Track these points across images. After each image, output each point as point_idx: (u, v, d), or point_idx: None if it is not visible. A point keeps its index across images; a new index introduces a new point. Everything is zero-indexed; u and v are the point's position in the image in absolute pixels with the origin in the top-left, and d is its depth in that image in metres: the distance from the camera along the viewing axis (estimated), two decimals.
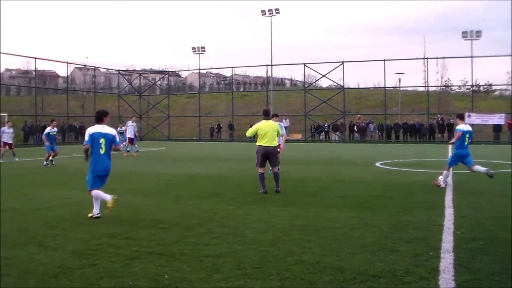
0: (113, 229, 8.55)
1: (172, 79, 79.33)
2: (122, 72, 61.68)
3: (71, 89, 59.88)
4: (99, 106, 54.96)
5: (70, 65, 54.82)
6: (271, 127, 13.03)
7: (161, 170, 19.56)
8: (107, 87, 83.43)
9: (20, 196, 12.57)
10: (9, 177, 17.42)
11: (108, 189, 13.05)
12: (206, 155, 29.60)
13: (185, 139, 54.65)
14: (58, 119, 49.26)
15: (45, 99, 56.49)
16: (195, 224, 8.95)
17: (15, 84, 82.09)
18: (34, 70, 52.71)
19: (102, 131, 9.99)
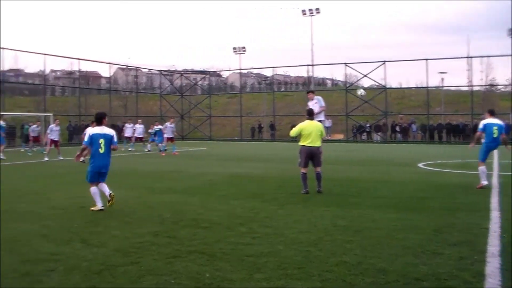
0: (155, 228, 8.68)
1: (214, 79, 79.74)
2: (164, 72, 62.34)
3: (113, 89, 60.80)
4: (141, 106, 55.85)
5: (112, 66, 55.70)
6: (315, 127, 13.02)
7: (204, 170, 19.69)
8: (149, 87, 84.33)
9: (65, 194, 12.85)
10: (54, 175, 17.83)
11: (152, 188, 13.25)
12: (248, 155, 29.68)
13: (227, 139, 54.93)
14: None
15: (88, 99, 57.37)
16: (237, 224, 9.01)
17: (59, 85, 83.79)
18: (78, 71, 53.74)
19: (102, 132, 10.83)
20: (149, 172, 19.14)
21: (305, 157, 13.00)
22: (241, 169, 19.79)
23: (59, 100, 65.93)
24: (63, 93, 76.56)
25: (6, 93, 57.26)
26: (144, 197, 12.53)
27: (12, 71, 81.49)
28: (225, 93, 75.22)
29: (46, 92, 52.60)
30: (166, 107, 57.97)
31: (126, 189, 13.92)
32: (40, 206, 11.15)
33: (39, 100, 52.03)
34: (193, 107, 60.22)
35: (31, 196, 12.82)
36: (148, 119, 47.78)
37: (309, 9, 58.87)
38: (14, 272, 6.20)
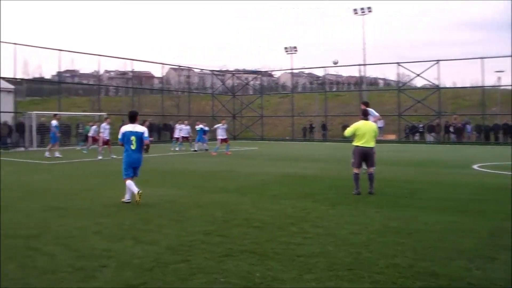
0: (207, 227, 8.77)
1: (265, 79, 79.88)
2: (215, 72, 62.84)
3: (166, 89, 61.58)
4: (193, 106, 56.41)
5: (165, 66, 56.42)
6: (370, 127, 12.98)
7: (256, 170, 19.74)
8: (201, 87, 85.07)
9: (117, 192, 13.08)
10: (107, 174, 18.20)
11: (204, 188, 13.41)
12: (299, 155, 29.61)
13: (278, 139, 54.91)
14: (154, 119, 50.92)
15: (141, 99, 58.28)
16: (289, 224, 9.02)
17: (113, 85, 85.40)
18: (131, 71, 54.69)
19: (133, 129, 11.71)
20: (200, 171, 19.32)
21: (358, 158, 12.97)
22: (293, 169, 19.77)
23: (113, 100, 67.23)
24: (117, 93, 77.98)
25: (63, 93, 58.79)
26: (196, 196, 12.66)
27: (68, 72, 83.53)
28: (276, 93, 75.21)
29: (101, 92, 53.72)
30: (218, 107, 58.40)
31: (178, 188, 14.11)
32: (94, 204, 11.42)
33: (94, 100, 53.31)
34: (245, 107, 60.46)
35: (85, 193, 13.14)
36: (200, 118, 48.24)
37: (360, 8, 58.34)
38: (68, 267, 6.38)
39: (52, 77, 69.16)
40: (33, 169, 20.58)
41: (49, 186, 14.68)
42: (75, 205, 11.25)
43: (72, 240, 7.85)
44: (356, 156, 13.00)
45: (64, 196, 12.61)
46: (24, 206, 11.15)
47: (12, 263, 6.59)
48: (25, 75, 67.11)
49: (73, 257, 6.83)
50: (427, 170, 19.65)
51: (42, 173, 19.04)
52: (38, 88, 66.98)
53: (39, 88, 66.55)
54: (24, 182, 15.81)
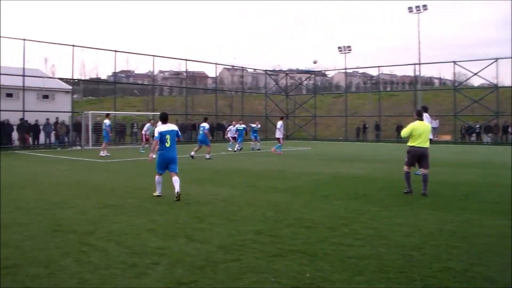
0: (259, 226, 8.81)
1: (319, 78, 79.42)
2: (269, 72, 62.90)
3: (219, 89, 61.97)
4: (246, 105, 56.63)
5: (218, 66, 56.80)
6: (426, 128, 13.01)
7: (309, 170, 19.70)
8: (254, 87, 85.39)
9: (171, 191, 13.27)
10: None
11: (256, 187, 13.47)
12: (352, 155, 29.38)
13: (331, 139, 54.61)
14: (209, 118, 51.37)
15: (195, 99, 58.93)
16: (340, 225, 8.98)
17: (167, 85, 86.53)
18: (185, 71, 55.31)
19: (168, 128, 12.49)
20: (253, 171, 19.39)
21: (412, 158, 12.97)
22: (346, 169, 19.64)
23: (167, 100, 68.17)
24: (171, 93, 79.06)
25: (118, 93, 60.00)
26: (248, 195, 12.73)
27: (123, 72, 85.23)
28: (330, 92, 74.76)
29: (155, 92, 54.49)
30: (271, 106, 58.48)
31: (230, 187, 14.21)
32: (148, 202, 11.62)
33: (148, 100, 54.10)
34: (298, 107, 60.36)
35: (140, 191, 13.37)
36: (253, 118, 48.37)
37: (416, 6, 57.32)
38: (121, 263, 6.52)
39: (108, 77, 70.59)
40: (89, 168, 21.07)
41: (104, 184, 15.01)
42: (129, 203, 11.48)
43: (126, 237, 8.02)
44: (411, 156, 13.00)
45: (118, 194, 12.88)
46: (80, 203, 11.44)
47: (67, 258, 6.79)
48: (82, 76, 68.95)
49: (126, 254, 6.98)
50: (484, 172, 19.17)
51: (97, 171, 19.48)
52: (94, 88, 68.69)
53: (95, 88, 68.24)
54: (79, 180, 16.21)
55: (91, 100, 64.77)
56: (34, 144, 37.63)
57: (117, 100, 46.77)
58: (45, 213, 10.15)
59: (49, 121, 38.49)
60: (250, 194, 12.91)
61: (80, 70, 72.05)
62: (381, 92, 58.69)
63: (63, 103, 41.37)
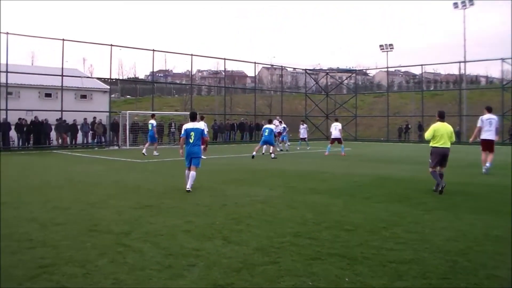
0: (297, 228, 8.77)
1: (360, 77, 78.92)
2: (308, 71, 62.71)
3: (258, 89, 62.11)
4: (286, 105, 56.56)
5: (257, 65, 56.88)
6: (447, 129, 13.88)
7: (349, 171, 19.58)
8: (294, 86, 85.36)
9: (208, 192, 13.36)
10: (200, 174, 18.60)
11: (295, 188, 13.43)
12: (394, 156, 29.08)
13: (372, 139, 54.23)
14: (248, 118, 51.44)
15: (234, 98, 59.25)
16: (381, 228, 8.87)
17: (206, 84, 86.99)
18: (223, 70, 55.54)
19: (194, 126, 13.85)
20: (291, 172, 19.35)
21: (436, 158, 13.85)
22: (388, 171, 19.45)
23: (205, 100, 68.68)
24: (209, 93, 79.61)
25: (156, 93, 60.61)
26: (287, 197, 12.70)
27: (161, 72, 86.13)
28: (371, 92, 74.27)
29: (193, 92, 54.87)
30: (311, 106, 58.32)
31: (269, 189, 14.19)
32: (185, 203, 11.67)
33: (186, 99, 54.52)
34: (339, 107, 60.05)
35: (177, 192, 13.46)
36: (293, 118, 48.34)
37: (461, 2, 56.35)
38: (157, 265, 6.56)
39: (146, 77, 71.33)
40: (126, 168, 21.32)
41: (141, 185, 15.15)
42: (165, 203, 11.55)
43: (162, 238, 8.07)
44: (434, 157, 13.87)
45: (155, 195, 12.98)
46: (116, 203, 11.57)
47: (103, 258, 6.86)
48: (120, 76, 69.91)
49: (162, 255, 7.02)
50: None
51: (134, 171, 19.69)
52: (132, 88, 69.54)
53: (133, 88, 69.08)
54: (116, 180, 16.41)
55: (128, 100, 65.68)
56: (72, 144, 38.30)
57: (155, 100, 47.24)
58: (82, 213, 10.28)
59: (87, 121, 39.11)
60: (289, 196, 12.87)
61: (117, 70, 73.34)
62: (424, 91, 57.86)
63: (101, 103, 41.97)
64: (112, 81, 46.73)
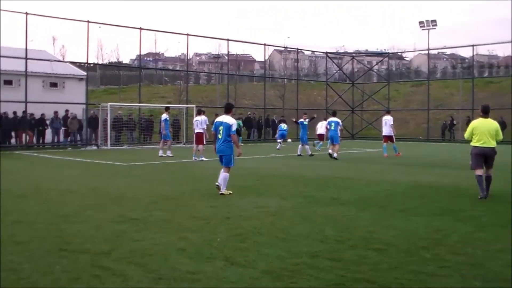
0: (315, 247, 8.73)
1: (393, 62, 78.88)
2: (330, 55, 62.72)
3: (269, 76, 62.10)
4: (302, 96, 56.55)
5: (268, 48, 56.84)
6: (489, 126, 14.26)
7: (380, 177, 19.55)
8: (312, 73, 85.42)
9: (209, 202, 13.34)
10: (200, 178, 18.59)
11: (313, 198, 13.38)
12: (437, 159, 29.00)
13: (409, 138, 53.96)
14: (256, 112, 51.43)
15: (239, 88, 59.13)
16: (419, 248, 8.81)
17: (205, 71, 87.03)
18: (226, 54, 55.47)
19: (223, 120, 14.79)
20: (310, 177, 19.33)
21: (476, 158, 14.40)
22: (428, 177, 19.39)
23: (204, 89, 68.66)
24: (209, 81, 79.63)
25: (144, 81, 60.63)
26: (303, 208, 12.69)
27: (150, 55, 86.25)
28: (408, 80, 74.09)
29: (189, 80, 54.93)
30: (333, 97, 58.28)
31: (282, 198, 14.18)
32: (179, 215, 11.68)
33: (181, 89, 54.50)
34: (367, 98, 60.03)
35: (169, 202, 13.49)
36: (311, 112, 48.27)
37: None
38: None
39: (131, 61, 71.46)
40: (107, 172, 21.36)
41: (125, 193, 15.16)
42: (155, 216, 11.55)
43: (150, 258, 8.04)
44: (473, 157, 14.46)
45: (142, 205, 12.98)
46: (94, 215, 11.56)
47: (77, 284, 6.82)
48: (99, 60, 70.07)
49: (150, 279, 6.99)
50: None
51: (117, 177, 19.73)
52: (115, 75, 69.49)
53: (115, 75, 69.03)
54: (95, 188, 16.42)
55: (110, 89, 65.66)
56: (39, 143, 38.34)
57: (143, 90, 47.37)
58: (50, 229, 10.27)
59: (58, 115, 39.15)
60: (306, 207, 12.86)
61: (96, 52, 73.25)
62: (476, 78, 57.47)
63: (75, 93, 41.91)
64: (90, 66, 46.61)
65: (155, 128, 44.85)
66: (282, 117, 44.84)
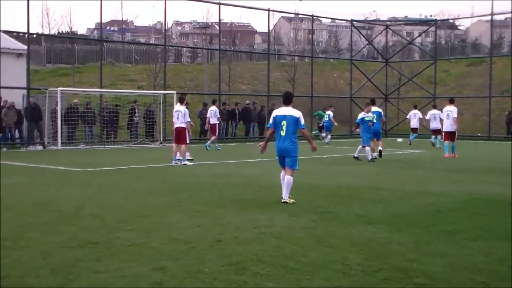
0: (336, 281, 8.73)
1: (442, 33, 78.80)
2: (357, 23, 62.62)
3: (274, 53, 62.09)
4: (319, 79, 56.51)
5: (273, 14, 56.75)
6: None
7: (423, 187, 19.61)
8: (333, 48, 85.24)
9: (194, 220, 13.34)
10: (189, 187, 18.62)
11: (334, 214, 13.46)
12: (498, 163, 28.93)
13: (463, 135, 53.69)
14: (257, 100, 51.50)
15: (234, 69, 58.96)
16: (477, 283, 8.81)
17: (188, 46, 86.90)
18: (216, 23, 55.25)
19: (286, 113, 15.84)
20: (330, 188, 19.33)
21: None
22: (487, 188, 19.39)
23: (188, 70, 68.42)
24: (194, 59, 79.43)
25: (107, 58, 60.48)
26: (319, 228, 12.72)
27: (114, 23, 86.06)
28: (462, 57, 73.98)
29: (168, 57, 54.88)
30: (360, 81, 58.21)
31: (289, 215, 14.20)
32: (156, 236, 11.73)
33: (157, 70, 54.30)
34: (406, 82, 59.95)
35: (142, 220, 13.55)
36: (331, 101, 48.19)
37: None
38: None
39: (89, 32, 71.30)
40: (57, 181, 21.32)
41: (82, 208, 15.19)
42: (123, 238, 11.59)
43: None
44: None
45: (105, 225, 12.99)
46: (40, 238, 11.55)
47: None
48: (45, 29, 69.80)
49: None
50: None
51: (72, 186, 19.75)
52: (66, 50, 69.19)
53: (67, 50, 68.75)
54: (41, 202, 16.40)
55: (60, 69, 65.41)
56: None
57: (105, 70, 47.33)
58: None
59: None
60: (322, 227, 12.89)
61: (41, 19, 72.77)
62: None
63: (12, 74, 41.38)
64: (32, 37, 46.58)
65: (121, 121, 44.84)
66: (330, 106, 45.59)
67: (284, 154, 15.95)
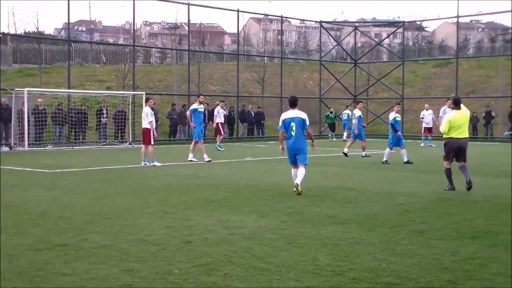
0: (306, 281, 8.73)
1: (410, 34, 79.18)
2: (325, 25, 62.79)
3: (244, 53, 62.10)
4: (288, 79, 56.57)
5: (243, 15, 56.71)
6: (465, 117, 18.12)
7: (392, 187, 19.75)
8: (302, 49, 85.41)
9: (166, 221, 13.30)
10: (161, 189, 18.57)
11: (303, 215, 13.48)
12: (468, 163, 29.03)
13: (434, 136, 54.00)
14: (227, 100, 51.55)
15: (204, 69, 58.91)
16: (445, 282, 8.80)
17: (157, 46, 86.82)
18: (186, 23, 55.17)
19: (294, 116, 17.87)
20: (303, 187, 19.31)
21: (449, 151, 19.00)
22: (456, 187, 19.42)
23: (156, 71, 68.30)
24: (163, 60, 79.38)
25: (75, 59, 60.27)
26: (289, 229, 12.74)
27: (82, 23, 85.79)
28: (430, 58, 74.35)
29: (136, 58, 54.75)
30: (329, 81, 58.32)
31: (259, 215, 14.22)
32: (124, 238, 11.67)
33: (125, 71, 54.12)
34: (374, 83, 60.17)
35: (110, 222, 13.46)
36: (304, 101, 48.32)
37: None
38: None
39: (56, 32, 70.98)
40: (24, 183, 21.17)
41: (49, 211, 15.09)
42: (91, 240, 11.52)
43: None
44: (447, 149, 18.84)
45: (73, 227, 12.91)
46: (6, 241, 11.43)
47: None
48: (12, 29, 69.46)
49: None
50: None
51: (38, 189, 19.65)
52: (33, 50, 68.83)
53: (34, 50, 68.39)
54: (7, 203, 16.24)
55: (27, 69, 65.08)
56: None
57: (73, 70, 47.13)
58: None
59: None
60: (292, 228, 12.91)
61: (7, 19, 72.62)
62: None
63: None
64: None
65: (90, 122, 44.66)
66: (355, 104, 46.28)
67: (296, 152, 17.93)
